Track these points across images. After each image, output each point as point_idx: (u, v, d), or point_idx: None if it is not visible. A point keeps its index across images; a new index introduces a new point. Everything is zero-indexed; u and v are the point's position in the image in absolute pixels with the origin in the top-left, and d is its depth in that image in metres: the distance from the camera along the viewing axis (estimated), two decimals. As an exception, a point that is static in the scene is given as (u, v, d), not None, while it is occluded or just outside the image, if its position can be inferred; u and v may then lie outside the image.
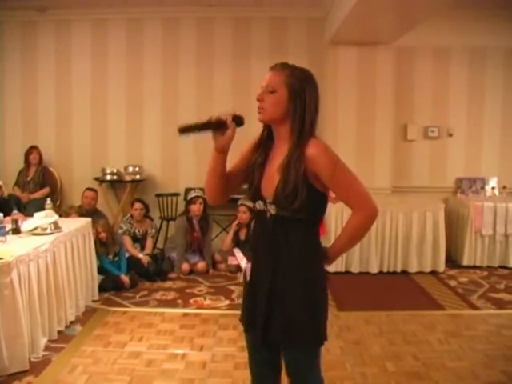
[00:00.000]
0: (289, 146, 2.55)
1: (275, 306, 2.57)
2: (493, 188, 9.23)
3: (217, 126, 2.61)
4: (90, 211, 7.86)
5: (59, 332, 5.28)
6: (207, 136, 8.61)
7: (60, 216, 6.15)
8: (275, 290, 2.57)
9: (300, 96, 2.55)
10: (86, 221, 6.50)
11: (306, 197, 2.47)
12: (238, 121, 2.66)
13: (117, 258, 7.21)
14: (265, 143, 2.73)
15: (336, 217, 7.64)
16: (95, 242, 6.79)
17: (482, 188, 9.26)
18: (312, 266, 2.60)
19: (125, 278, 6.96)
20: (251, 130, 2.64)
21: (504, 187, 9.29)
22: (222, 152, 2.66)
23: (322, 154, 2.49)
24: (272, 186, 2.55)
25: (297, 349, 2.62)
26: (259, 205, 2.66)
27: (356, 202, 2.56)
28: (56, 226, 5.59)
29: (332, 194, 2.60)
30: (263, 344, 2.67)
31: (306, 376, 2.66)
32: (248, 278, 2.73)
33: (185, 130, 2.64)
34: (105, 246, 7.13)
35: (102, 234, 7.13)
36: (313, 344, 2.63)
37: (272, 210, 2.57)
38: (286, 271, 2.56)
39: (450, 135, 9.31)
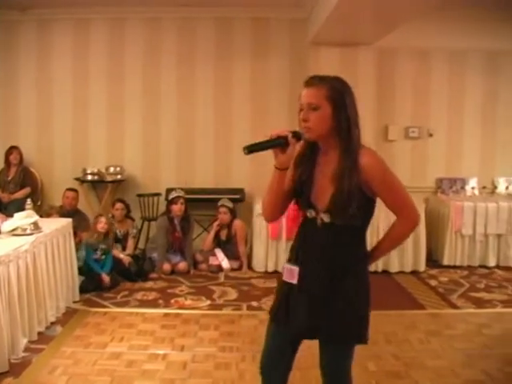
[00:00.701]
0: (340, 157, 2.63)
1: (329, 308, 2.69)
2: (473, 188, 9.30)
3: (279, 144, 2.63)
4: (70, 211, 7.83)
5: (39, 333, 5.24)
6: (189, 136, 8.58)
7: (41, 216, 6.12)
8: (331, 295, 2.69)
9: (344, 108, 2.62)
10: (67, 221, 6.46)
11: (359, 202, 2.59)
12: (298, 136, 2.65)
13: (103, 257, 7.18)
14: (309, 156, 2.78)
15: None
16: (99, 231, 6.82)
17: (462, 188, 9.33)
18: (363, 270, 2.77)
19: (105, 277, 6.93)
20: (234, 134, 2.66)
21: (484, 187, 9.37)
22: (284, 168, 2.70)
23: (375, 165, 2.62)
24: (325, 195, 2.66)
25: (344, 346, 2.78)
26: (310, 213, 2.75)
27: (402, 210, 2.70)
28: (36, 226, 5.55)
29: None
30: (310, 338, 2.82)
31: (344, 373, 2.86)
32: (295, 281, 2.77)
33: (251, 149, 2.67)
34: (99, 243, 7.11)
35: (106, 226, 7.14)
36: (361, 342, 2.76)
37: (325, 218, 2.68)
38: (342, 278, 2.68)
39: (431, 136, 9.37)
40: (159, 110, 9.19)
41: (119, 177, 8.98)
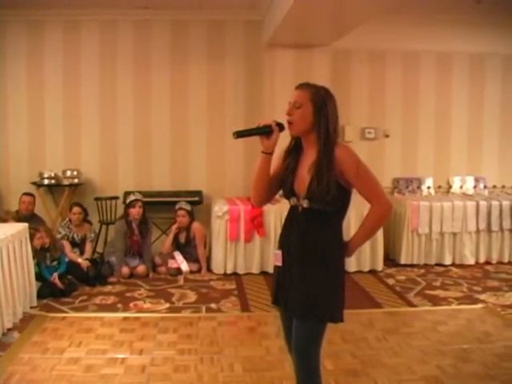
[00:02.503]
0: (318, 151, 2.99)
1: (300, 283, 3.01)
2: (428, 187, 9.45)
3: (265, 131, 3.04)
4: (27, 216, 7.75)
5: (-4, 340, 5.20)
6: (145, 139, 8.55)
7: (-4, 221, 6.05)
8: (303, 270, 3.01)
9: (323, 110, 3.01)
10: (23, 226, 6.38)
11: (336, 191, 2.91)
12: (281, 126, 3.07)
13: (55, 263, 7.12)
14: (294, 150, 3.16)
15: (356, 214, 7.66)
16: (35, 249, 6.70)
17: (419, 188, 9.47)
18: (335, 253, 3.04)
19: (55, 280, 6.88)
20: (191, 136, 2.67)
21: (439, 187, 9.53)
22: (269, 153, 3.08)
23: (349, 156, 2.97)
24: (304, 184, 3.01)
25: (309, 321, 3.00)
26: (293, 201, 3.12)
27: (374, 198, 3.00)
28: (-9, 231, 5.49)
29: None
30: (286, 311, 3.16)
31: (309, 351, 3.07)
32: (280, 263, 3.15)
33: (240, 134, 3.07)
34: (46, 251, 7.03)
35: (46, 240, 7.03)
36: (332, 321, 3.05)
37: (305, 204, 3.02)
38: (314, 255, 3.00)
39: (387, 136, 9.50)
40: (116, 113, 9.14)
41: (76, 180, 8.90)
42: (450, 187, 9.64)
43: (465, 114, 9.77)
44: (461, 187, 9.60)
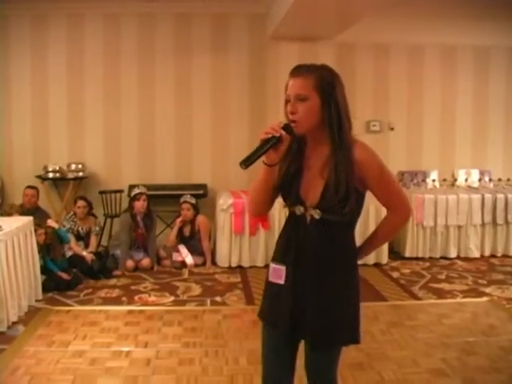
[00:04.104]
0: (331, 150, 2.51)
1: (318, 307, 2.56)
2: (433, 181, 9.43)
3: (273, 144, 2.44)
4: (31, 209, 7.75)
5: (1, 333, 5.22)
6: (150, 132, 8.51)
7: (1, 215, 6.05)
8: (321, 294, 2.56)
9: (334, 99, 2.50)
10: (28, 219, 6.39)
11: (355, 200, 2.49)
12: (290, 130, 2.49)
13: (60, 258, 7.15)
14: (296, 151, 2.65)
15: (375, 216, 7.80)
16: (40, 243, 6.71)
17: (423, 181, 9.45)
18: (354, 269, 2.66)
19: (63, 274, 6.89)
20: (195, 129, 2.56)
21: (444, 180, 9.52)
22: (274, 165, 2.54)
23: (372, 159, 2.52)
24: (315, 190, 2.54)
25: (331, 348, 2.66)
26: (299, 210, 2.60)
27: (396, 203, 2.63)
28: (-4, 225, 5.50)
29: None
30: (303, 338, 2.66)
31: (330, 377, 2.74)
32: (282, 281, 2.64)
33: (248, 162, 2.44)
34: (49, 247, 7.04)
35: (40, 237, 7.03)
36: (352, 342, 2.64)
37: (316, 214, 2.54)
38: (332, 276, 2.57)
39: (392, 129, 9.49)
40: (120, 106, 9.14)
41: (81, 174, 8.91)
42: (455, 180, 9.63)
43: (470, 106, 9.74)
44: (466, 180, 9.59)
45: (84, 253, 7.61)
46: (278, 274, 2.67)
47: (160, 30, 9.10)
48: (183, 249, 8.07)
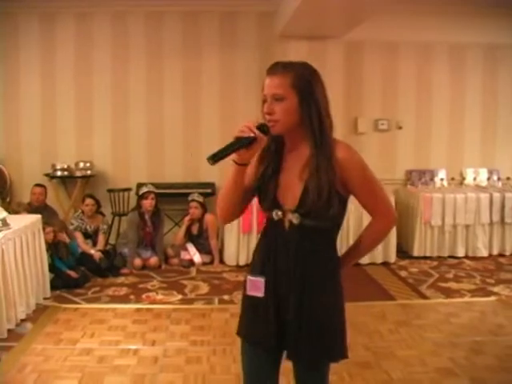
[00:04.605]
0: (311, 151, 2.37)
1: (302, 323, 2.39)
2: (441, 179, 9.40)
3: (246, 144, 2.31)
4: (39, 208, 7.77)
5: (9, 330, 5.22)
6: (158, 131, 8.50)
7: (9, 213, 6.06)
8: (303, 308, 2.39)
9: (312, 97, 2.37)
10: (36, 217, 6.41)
11: (337, 204, 2.35)
12: (265, 130, 2.36)
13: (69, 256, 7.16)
14: (273, 151, 2.50)
15: (354, 223, 7.82)
16: (48, 242, 6.72)
17: (431, 180, 9.42)
18: (338, 279, 2.50)
19: (71, 272, 6.91)
20: (203, 128, 2.44)
21: (452, 179, 9.48)
22: (245, 164, 2.38)
23: (354, 159, 2.39)
24: (294, 193, 2.39)
25: (323, 365, 2.52)
26: (276, 215, 2.44)
27: (380, 209, 2.48)
28: (4, 223, 5.50)
29: None
30: (290, 359, 2.49)
31: None
32: (261, 294, 2.46)
33: (216, 158, 2.29)
34: (57, 245, 7.06)
35: (57, 236, 7.05)
36: (340, 358, 2.50)
37: (294, 219, 2.39)
38: (314, 287, 2.40)
39: (400, 128, 9.45)
40: (128, 104, 9.15)
41: (89, 172, 8.93)
42: (464, 179, 9.58)
43: (478, 105, 9.69)
44: (474, 179, 9.54)
45: (92, 251, 7.62)
46: (257, 286, 2.49)
47: (168, 28, 9.10)
48: (191, 247, 8.08)
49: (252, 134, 2.31)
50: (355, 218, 7.77)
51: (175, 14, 9.07)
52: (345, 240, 7.29)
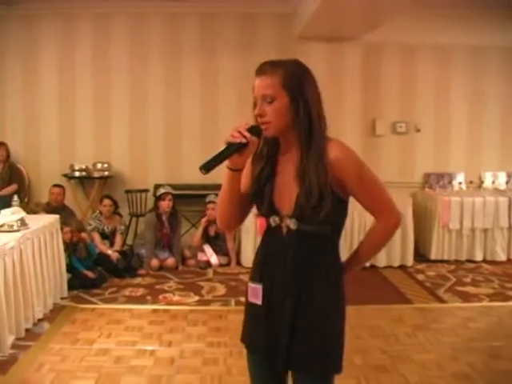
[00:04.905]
0: (302, 152, 2.26)
1: (298, 331, 2.29)
2: (460, 183, 9.35)
3: (238, 149, 2.23)
4: (57, 208, 7.80)
5: (27, 330, 5.24)
6: (176, 132, 8.51)
7: (27, 213, 6.09)
8: (300, 315, 2.29)
9: (302, 96, 2.25)
10: (54, 218, 6.44)
11: (331, 206, 2.21)
12: (256, 131, 2.26)
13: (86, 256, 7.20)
14: (267, 154, 2.40)
15: (359, 225, 7.81)
16: (66, 242, 6.76)
17: (450, 183, 9.37)
18: (338, 288, 2.36)
19: (88, 273, 6.94)
20: (221, 129, 2.29)
21: (471, 182, 9.42)
22: (239, 169, 2.30)
23: (348, 158, 2.25)
24: (290, 198, 2.28)
25: (318, 376, 2.34)
26: (274, 220, 2.34)
27: (382, 209, 2.35)
28: (23, 222, 5.53)
29: None
30: (284, 369, 2.40)
31: None
32: (259, 301, 2.38)
33: (209, 167, 2.25)
34: (76, 245, 7.09)
35: (74, 236, 7.08)
36: (336, 371, 2.35)
37: (292, 224, 2.29)
38: (312, 295, 2.29)
39: (418, 131, 9.40)
40: (146, 106, 9.17)
41: (107, 173, 8.97)
42: (482, 182, 9.51)
43: (497, 108, 9.62)
44: (493, 182, 9.48)
45: (109, 251, 7.65)
46: (256, 293, 2.40)
47: (186, 30, 9.11)
48: (208, 249, 8.09)
49: (244, 140, 2.21)
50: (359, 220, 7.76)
51: (194, 15, 9.08)
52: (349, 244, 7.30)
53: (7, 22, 9.03)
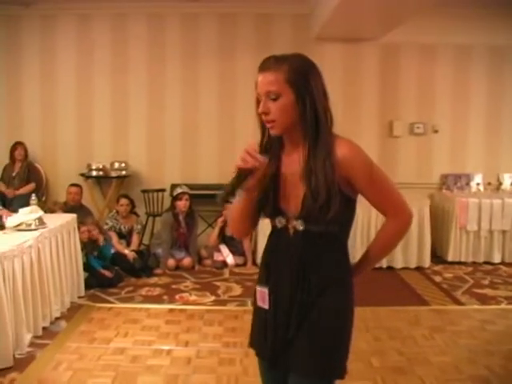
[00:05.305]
0: (309, 151, 2.18)
1: (302, 332, 2.22)
2: (478, 184, 9.28)
3: (252, 173, 2.17)
4: (75, 207, 7.84)
5: (44, 328, 5.27)
6: (193, 132, 8.53)
7: (45, 212, 6.12)
8: (305, 316, 2.22)
9: (308, 92, 2.16)
10: (71, 217, 6.47)
11: (339, 206, 2.13)
12: (267, 148, 2.26)
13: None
14: (272, 153, 2.29)
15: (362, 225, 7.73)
16: (83, 241, 6.78)
17: (467, 184, 9.31)
18: (347, 291, 2.29)
19: (105, 272, 6.96)
20: (238, 129, 2.19)
21: (489, 183, 9.34)
22: (254, 191, 2.26)
23: (357, 156, 2.17)
24: (296, 198, 2.21)
25: (315, 380, 2.24)
26: (280, 222, 2.28)
27: (393, 208, 2.28)
28: (41, 221, 5.57)
29: None
30: (284, 370, 2.30)
31: None
32: (266, 305, 2.32)
33: (226, 197, 2.22)
34: (94, 243, 7.11)
35: (94, 233, 7.10)
36: (336, 376, 2.26)
37: (299, 225, 2.22)
38: (319, 295, 2.22)
39: (436, 132, 9.35)
40: (163, 105, 9.20)
41: (124, 172, 9.00)
42: (500, 184, 9.44)
43: (516, 109, 9.57)
44: (511, 184, 9.41)
45: (126, 251, 7.67)
46: (263, 297, 2.34)
47: (203, 30, 9.13)
48: (224, 249, 8.09)
49: (257, 163, 2.15)
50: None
51: (211, 16, 9.10)
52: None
53: (25, 23, 9.10)
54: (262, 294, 2.33)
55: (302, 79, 2.15)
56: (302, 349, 2.22)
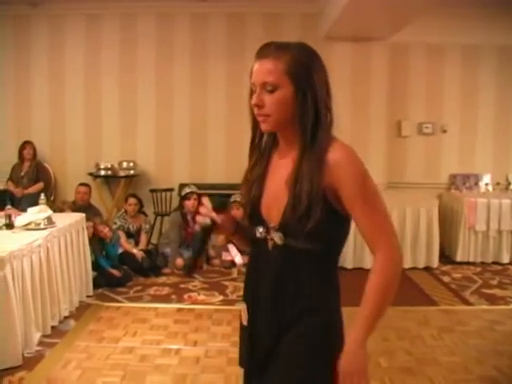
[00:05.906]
0: (300, 153, 1.93)
1: (276, 361, 2.00)
2: (486, 184, 9.25)
3: (212, 229, 2.19)
4: (83, 206, 7.84)
5: (53, 327, 5.29)
6: (201, 132, 8.57)
7: (54, 211, 6.14)
8: (277, 346, 1.99)
9: (310, 87, 1.91)
10: (80, 216, 6.49)
11: (323, 217, 1.85)
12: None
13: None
14: (262, 150, 2.12)
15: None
16: (91, 239, 6.79)
17: (476, 184, 9.28)
18: (325, 322, 1.97)
19: (114, 271, 6.97)
20: (247, 128, 2.17)
21: (498, 183, 9.32)
22: (236, 233, 2.24)
23: (349, 164, 1.87)
24: (279, 205, 1.94)
25: None
26: (259, 232, 2.03)
27: (378, 237, 1.90)
28: (50, 221, 5.58)
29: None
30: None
31: None
32: (244, 322, 2.15)
33: (201, 252, 2.12)
34: (102, 241, 7.13)
35: (101, 228, 7.13)
36: None
37: (277, 238, 1.95)
38: (293, 325, 1.96)
39: (444, 131, 9.34)
40: (172, 105, 9.22)
41: (132, 172, 9.02)
42: (509, 184, 9.41)
43: (525, 109, 9.54)
44: (520, 184, 9.39)
45: (134, 250, 7.68)
46: (243, 313, 2.16)
47: (212, 30, 9.14)
48: (233, 248, 7.97)
49: (208, 220, 2.13)
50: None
51: (220, 15, 9.11)
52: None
53: (33, 23, 9.14)
54: (243, 309, 2.15)
55: (304, 72, 1.92)
56: (272, 377, 2.00)
